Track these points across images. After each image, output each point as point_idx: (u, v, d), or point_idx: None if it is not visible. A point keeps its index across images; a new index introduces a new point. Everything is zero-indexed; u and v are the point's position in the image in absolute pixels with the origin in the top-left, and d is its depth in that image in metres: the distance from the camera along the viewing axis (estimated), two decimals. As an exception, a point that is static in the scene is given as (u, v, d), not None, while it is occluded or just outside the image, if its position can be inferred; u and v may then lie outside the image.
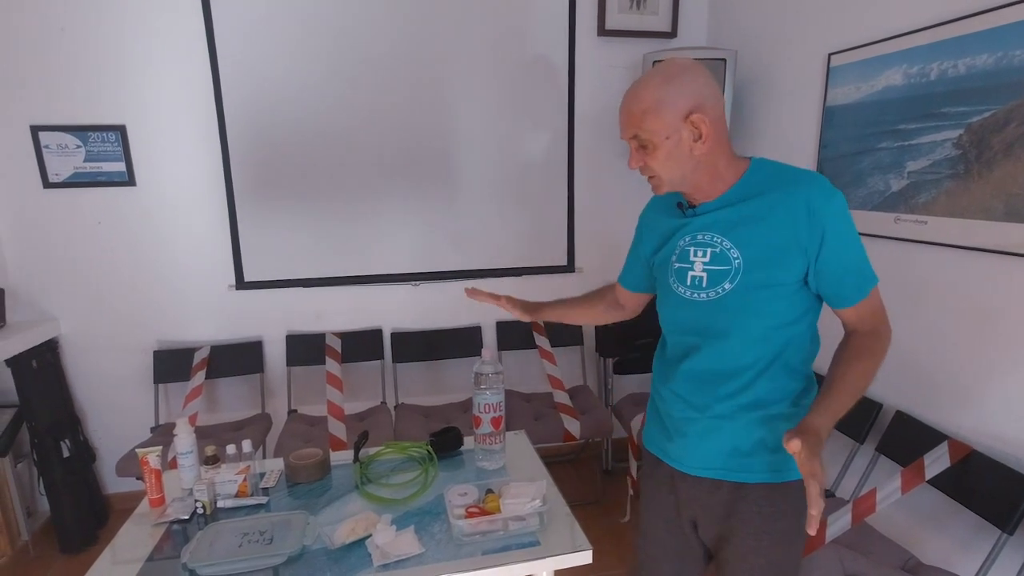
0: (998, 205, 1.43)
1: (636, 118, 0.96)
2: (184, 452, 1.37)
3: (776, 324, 1.00)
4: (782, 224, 0.95)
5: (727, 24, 2.56)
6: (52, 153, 2.24)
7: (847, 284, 0.98)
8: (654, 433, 1.18)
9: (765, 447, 1.03)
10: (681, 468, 1.10)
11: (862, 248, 0.99)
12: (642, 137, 0.96)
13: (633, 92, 0.97)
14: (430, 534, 1.19)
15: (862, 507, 1.55)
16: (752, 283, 0.98)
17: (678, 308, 1.08)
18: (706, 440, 1.06)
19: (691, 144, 0.96)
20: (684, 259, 1.05)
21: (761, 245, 0.97)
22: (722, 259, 1.00)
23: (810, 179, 0.97)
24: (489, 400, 1.41)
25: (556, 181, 2.68)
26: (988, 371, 1.50)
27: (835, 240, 0.94)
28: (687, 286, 1.05)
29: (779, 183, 0.98)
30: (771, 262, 0.97)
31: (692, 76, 0.95)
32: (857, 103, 1.84)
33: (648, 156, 0.98)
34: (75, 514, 2.29)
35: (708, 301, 1.02)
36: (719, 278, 1.00)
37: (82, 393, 2.47)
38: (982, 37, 1.44)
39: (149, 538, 1.22)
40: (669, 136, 0.95)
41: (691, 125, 0.94)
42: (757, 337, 1.00)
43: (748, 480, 1.04)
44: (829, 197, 0.95)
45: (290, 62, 2.35)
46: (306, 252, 2.52)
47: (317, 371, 2.49)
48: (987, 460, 1.46)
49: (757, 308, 0.99)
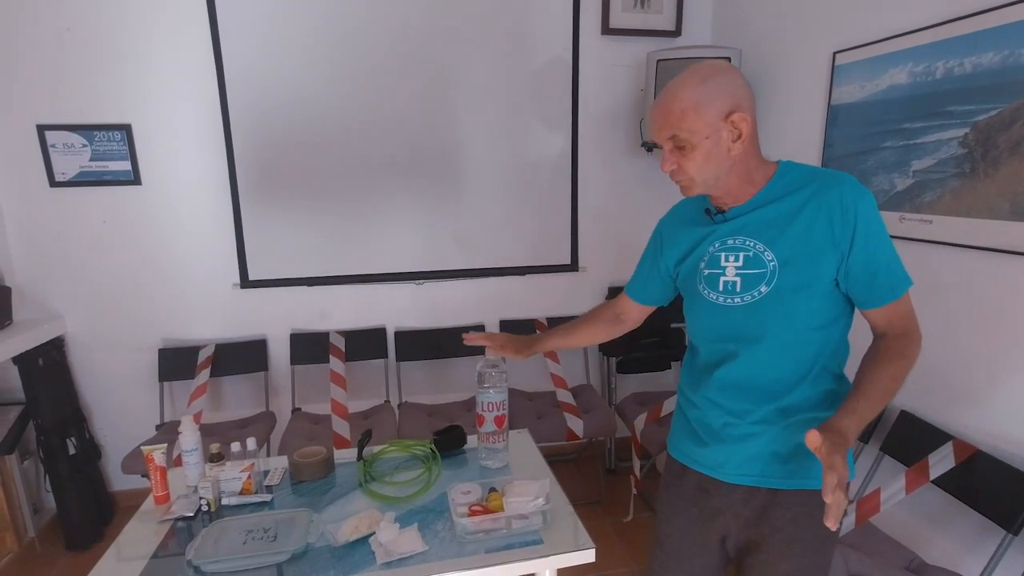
0: (1004, 204, 1.42)
1: (675, 117, 0.94)
2: (189, 450, 1.38)
3: (813, 327, 0.99)
4: (815, 222, 0.95)
5: (731, 23, 2.55)
6: (58, 152, 2.26)
7: (879, 283, 0.96)
8: (682, 440, 1.16)
9: (803, 451, 0.99)
10: (716, 475, 1.08)
11: (894, 249, 0.97)
12: (681, 137, 0.95)
13: (671, 92, 0.96)
14: (433, 532, 1.19)
15: (866, 507, 1.55)
16: (789, 285, 0.97)
17: (711, 315, 1.05)
18: (745, 446, 1.04)
19: (729, 144, 0.95)
20: (715, 265, 1.04)
21: (795, 245, 0.96)
22: (756, 262, 0.99)
23: (841, 178, 0.97)
24: (492, 399, 1.41)
25: (560, 180, 2.68)
26: (993, 371, 1.49)
27: (866, 238, 0.94)
28: (719, 292, 1.03)
29: (809, 183, 0.98)
30: (806, 261, 0.96)
31: (730, 76, 0.95)
32: (862, 102, 1.83)
33: (684, 157, 0.97)
34: (81, 511, 2.31)
35: (743, 306, 1.01)
36: (754, 282, 0.99)
37: (88, 391, 2.48)
38: (988, 35, 1.44)
39: (154, 535, 1.22)
40: (709, 136, 0.94)
41: (731, 125, 0.94)
42: (795, 340, 0.99)
43: (785, 487, 1.03)
44: (861, 195, 0.94)
45: (295, 60, 2.35)
46: (310, 251, 2.52)
47: (321, 369, 2.49)
48: (992, 460, 1.45)
49: (794, 311, 0.97)
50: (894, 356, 0.97)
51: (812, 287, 0.96)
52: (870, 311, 1.00)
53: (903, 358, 0.97)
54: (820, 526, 1.01)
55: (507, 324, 2.74)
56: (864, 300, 0.99)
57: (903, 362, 0.96)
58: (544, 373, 2.60)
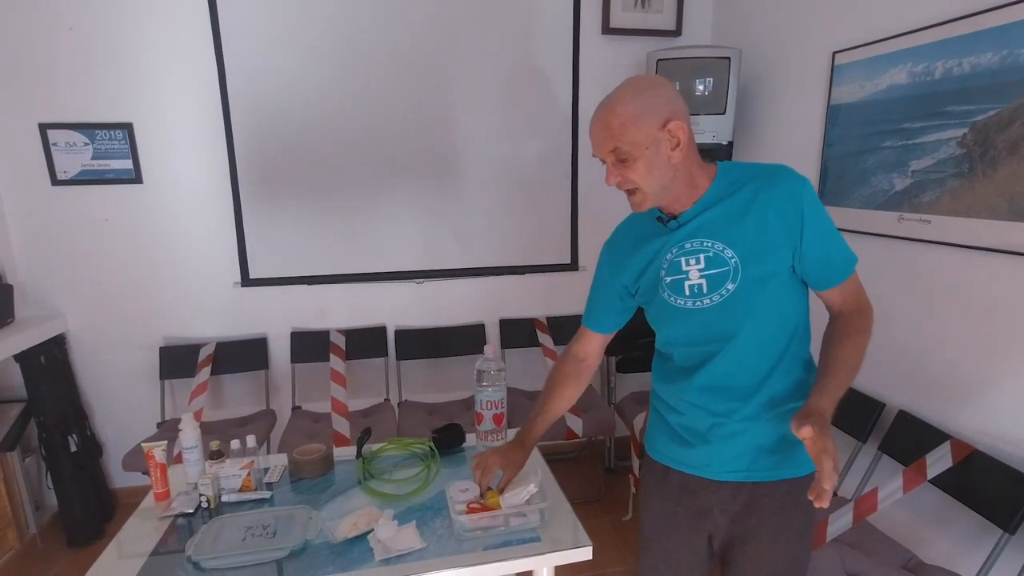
0: (1002, 204, 1.42)
1: (615, 131, 0.96)
2: (189, 447, 1.39)
3: (782, 315, 1.02)
4: (766, 214, 0.98)
5: (732, 22, 2.55)
6: (60, 151, 2.27)
7: (834, 263, 1.01)
8: (662, 442, 1.16)
9: (787, 441, 1.04)
10: (703, 474, 1.09)
11: (837, 230, 1.02)
12: (622, 150, 0.97)
13: (608, 107, 0.98)
14: (431, 529, 1.20)
15: (864, 506, 1.55)
16: (753, 278, 0.99)
17: (683, 320, 1.06)
18: (732, 444, 1.05)
19: (669, 152, 0.97)
20: (676, 271, 1.04)
21: (752, 239, 0.99)
22: (718, 262, 1.00)
23: (781, 170, 1.01)
24: (491, 397, 1.42)
25: (560, 179, 2.68)
26: (991, 371, 1.50)
27: (815, 222, 0.98)
28: (686, 296, 1.04)
29: (752, 179, 1.01)
30: (766, 253, 0.99)
31: (662, 87, 0.98)
32: (861, 101, 1.83)
33: (628, 169, 0.98)
34: (82, 508, 2.32)
35: (713, 306, 1.01)
36: (720, 280, 1.00)
37: (89, 388, 2.49)
38: (987, 35, 1.44)
39: (154, 531, 1.23)
40: (648, 146, 0.96)
41: (668, 133, 0.96)
42: (768, 332, 1.02)
43: (771, 478, 1.05)
44: (802, 183, 0.99)
45: (296, 60, 2.36)
46: (311, 249, 2.53)
47: (321, 368, 2.50)
48: (989, 460, 1.46)
49: (763, 302, 1.00)
50: (854, 332, 1.01)
51: (775, 277, 0.99)
52: (826, 291, 1.04)
53: (862, 333, 1.01)
54: (804, 513, 1.06)
55: (506, 323, 2.74)
56: (820, 281, 1.03)
57: (863, 337, 1.01)
58: (543, 372, 2.61)
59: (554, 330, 2.70)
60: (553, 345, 2.64)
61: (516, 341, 2.72)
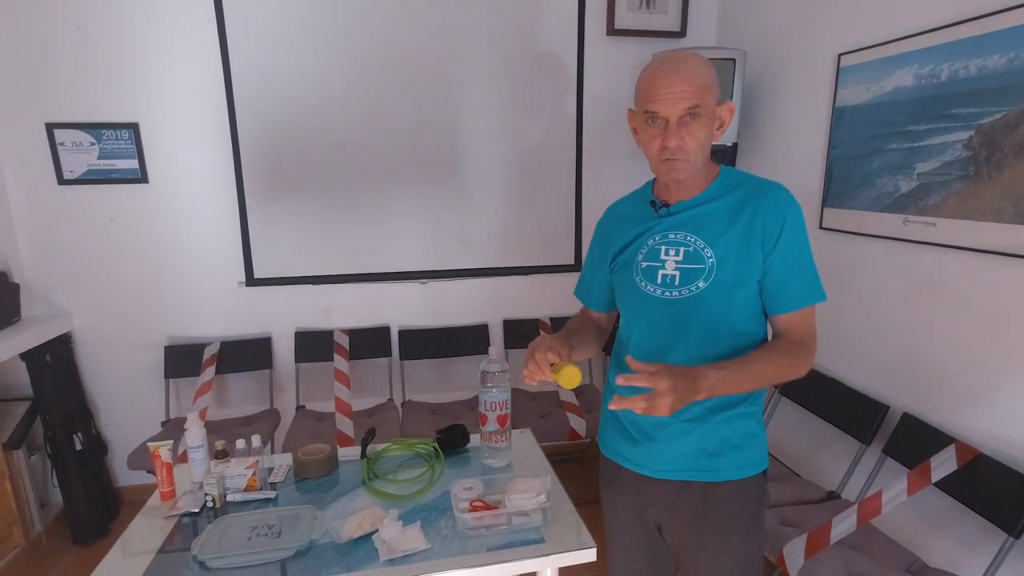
0: (1008, 207, 1.42)
1: (701, 87, 0.93)
2: (194, 446, 1.39)
3: (744, 324, 1.02)
4: (752, 223, 0.99)
5: (736, 24, 2.55)
6: (67, 150, 2.28)
7: (790, 288, 1.00)
8: (613, 438, 1.17)
9: (730, 445, 1.05)
10: (647, 472, 1.10)
11: (813, 264, 1.01)
12: (701, 106, 0.94)
13: (690, 63, 0.95)
14: (436, 530, 1.20)
15: (868, 509, 1.55)
16: (725, 281, 0.99)
17: (648, 307, 1.06)
18: (675, 443, 1.06)
19: (714, 131, 0.98)
20: (653, 257, 1.05)
21: (733, 244, 0.99)
22: (696, 258, 1.01)
23: (777, 187, 1.02)
24: (495, 398, 1.42)
25: (564, 180, 2.68)
26: (996, 374, 1.49)
27: (790, 241, 0.98)
28: (657, 284, 1.04)
29: (749, 184, 1.03)
30: (741, 260, 0.99)
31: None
32: (867, 104, 1.83)
33: (689, 133, 0.95)
34: (87, 506, 2.33)
35: (680, 299, 1.02)
36: (693, 276, 1.01)
37: (94, 387, 2.50)
38: (994, 38, 1.43)
39: (160, 530, 1.23)
40: (711, 117, 0.96)
41: (725, 111, 0.98)
42: (727, 336, 1.02)
43: (715, 479, 1.06)
44: (792, 204, 1.00)
45: (301, 60, 2.37)
46: (315, 249, 2.54)
47: (325, 367, 2.51)
48: (994, 463, 1.46)
49: (730, 307, 1.00)
50: (779, 352, 1.01)
51: (746, 286, 1.00)
52: (774, 316, 1.03)
53: (786, 356, 1.00)
54: (750, 513, 1.07)
55: (510, 323, 2.74)
56: (771, 304, 1.02)
57: (784, 359, 1.00)
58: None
59: (557, 330, 2.69)
60: (556, 346, 2.63)
61: (520, 341, 2.72)
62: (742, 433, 1.05)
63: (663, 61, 0.97)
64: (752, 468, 1.07)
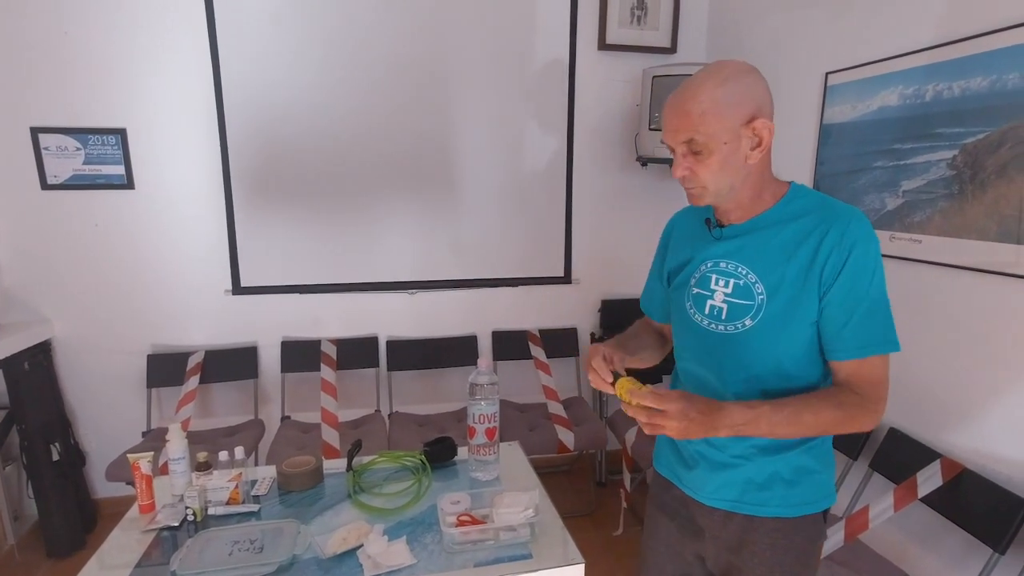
0: (991, 225, 1.44)
1: (693, 120, 0.87)
2: (176, 458, 1.36)
3: (795, 365, 0.94)
4: (813, 259, 0.89)
5: (726, 41, 2.59)
6: (51, 155, 2.25)
7: (849, 333, 0.89)
8: (668, 457, 1.14)
9: (780, 479, 0.98)
10: (697, 497, 1.07)
11: (885, 306, 0.90)
12: (698, 141, 0.88)
13: (690, 91, 0.88)
14: (422, 545, 1.18)
15: (855, 524, 1.55)
16: (774, 320, 0.92)
17: (694, 336, 1.02)
18: (721, 473, 1.01)
19: (747, 152, 0.89)
20: (704, 285, 0.99)
21: (787, 280, 0.91)
22: (745, 293, 0.94)
23: (849, 215, 0.89)
24: (484, 410, 1.40)
25: (555, 192, 2.69)
26: (981, 390, 1.51)
27: (852, 280, 0.87)
28: (705, 314, 0.99)
29: (818, 211, 0.91)
30: (794, 299, 0.90)
31: (754, 78, 0.89)
32: (853, 122, 1.86)
33: (699, 163, 0.89)
34: (63, 519, 2.27)
35: (726, 335, 0.96)
36: (741, 313, 0.94)
37: (74, 396, 2.45)
38: (977, 60, 1.47)
39: (138, 544, 1.20)
40: (728, 142, 0.87)
41: (752, 131, 0.88)
42: (776, 377, 0.94)
43: (760, 514, 1.00)
44: (864, 236, 0.87)
45: (292, 68, 2.36)
46: (304, 258, 2.52)
47: (312, 378, 2.48)
48: (979, 479, 1.47)
49: (777, 347, 0.93)
50: (827, 400, 0.90)
51: (796, 326, 0.92)
52: (831, 362, 0.93)
53: (837, 408, 0.90)
54: (799, 552, 1.01)
55: (499, 335, 2.73)
56: (828, 348, 0.92)
57: (833, 411, 0.89)
58: (536, 385, 2.60)
59: (547, 343, 2.69)
60: (546, 358, 2.63)
61: (509, 353, 2.71)
62: (795, 468, 0.98)
63: (675, 90, 0.91)
64: (806, 507, 0.99)
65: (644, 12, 2.59)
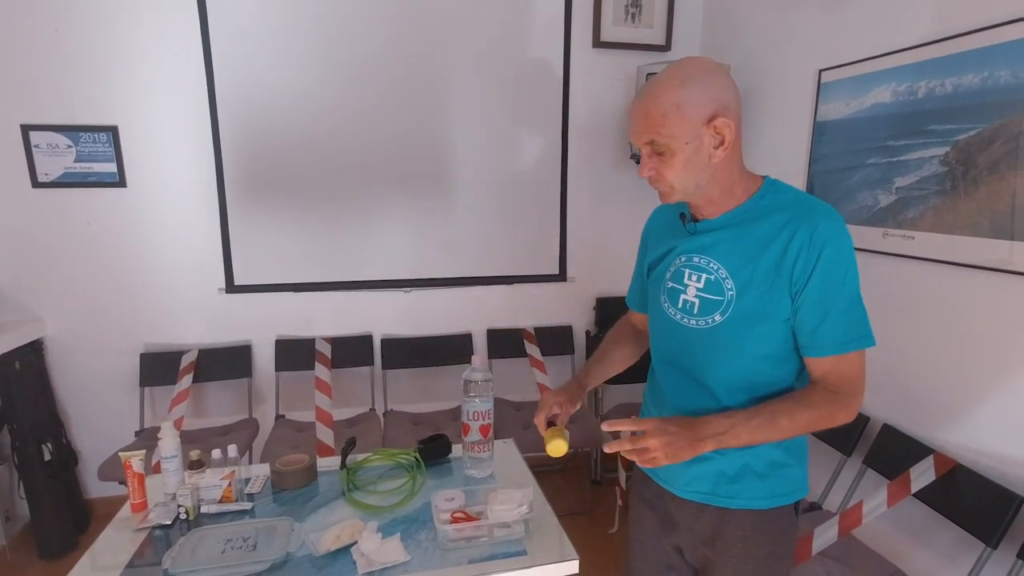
0: (984, 222, 1.45)
1: (654, 121, 0.87)
2: (168, 456, 1.35)
3: (766, 361, 0.95)
4: (782, 253, 0.89)
5: (720, 39, 2.59)
6: (42, 153, 2.23)
7: (824, 331, 0.89)
8: None
9: (751, 472, 0.99)
10: (670, 489, 1.08)
11: (858, 302, 0.90)
12: (660, 143, 0.89)
13: (650, 93, 0.89)
14: (416, 542, 1.17)
15: (848, 520, 1.56)
16: (743, 316, 0.93)
17: (667, 331, 1.03)
18: (693, 466, 1.00)
19: (711, 151, 0.89)
20: (678, 279, 1.00)
21: (757, 276, 0.91)
22: (716, 288, 0.95)
23: (821, 212, 0.90)
24: (478, 408, 1.40)
25: (549, 190, 2.69)
26: (974, 385, 1.51)
27: (824, 279, 0.88)
28: (678, 308, 1.00)
29: (790, 208, 0.92)
30: (764, 294, 0.91)
31: (715, 77, 0.89)
32: (847, 119, 1.86)
33: (663, 164, 0.90)
34: (55, 519, 2.25)
35: (697, 329, 0.98)
36: (711, 308, 0.96)
37: (66, 395, 2.43)
38: (969, 57, 1.47)
39: (130, 544, 1.19)
40: (689, 141, 0.88)
41: (714, 130, 0.88)
42: (746, 372, 0.96)
43: (732, 506, 1.01)
44: (835, 234, 0.88)
45: (285, 66, 2.35)
46: (298, 256, 2.51)
47: (306, 376, 2.47)
48: (972, 474, 1.47)
49: (747, 343, 0.94)
50: (800, 402, 0.92)
51: (767, 321, 0.92)
52: (808, 359, 0.93)
53: (810, 407, 0.91)
54: (772, 544, 1.02)
55: (494, 333, 2.73)
56: (803, 346, 0.93)
57: (807, 411, 0.91)
58: (530, 383, 2.60)
59: (542, 341, 2.69)
60: (541, 356, 2.63)
61: (503, 351, 2.71)
62: (766, 461, 0.99)
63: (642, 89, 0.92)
64: (778, 499, 1.00)
65: (638, 10, 2.59)
